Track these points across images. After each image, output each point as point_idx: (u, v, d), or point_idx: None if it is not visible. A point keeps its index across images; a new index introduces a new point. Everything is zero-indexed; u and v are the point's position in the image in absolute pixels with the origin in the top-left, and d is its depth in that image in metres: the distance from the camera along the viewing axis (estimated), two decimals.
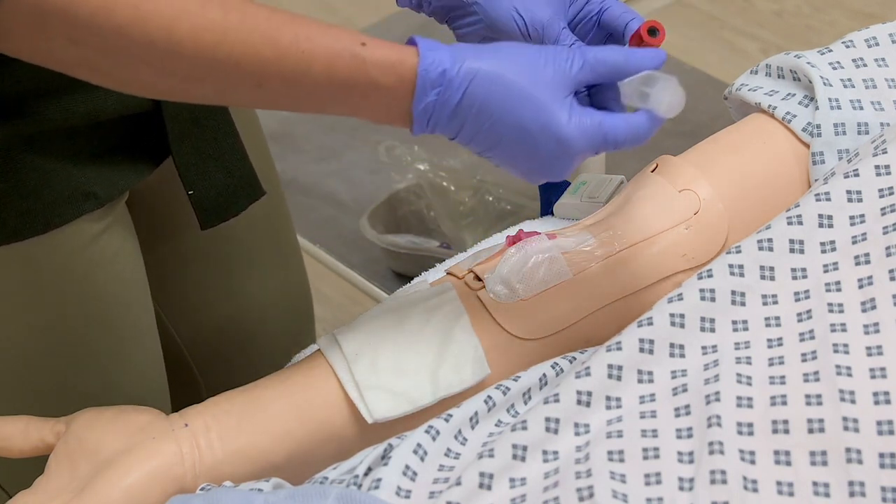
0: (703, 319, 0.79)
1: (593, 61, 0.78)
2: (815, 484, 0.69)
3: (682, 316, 0.79)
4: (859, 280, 0.79)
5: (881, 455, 0.69)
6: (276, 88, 0.75)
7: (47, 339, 0.93)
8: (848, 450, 0.70)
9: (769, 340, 0.78)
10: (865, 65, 0.94)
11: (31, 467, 0.83)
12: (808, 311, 0.78)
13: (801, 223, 0.83)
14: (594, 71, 0.78)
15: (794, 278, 0.81)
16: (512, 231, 0.92)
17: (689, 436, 0.73)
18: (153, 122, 0.91)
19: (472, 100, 0.76)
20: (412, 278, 1.00)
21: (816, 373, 0.74)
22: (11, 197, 0.86)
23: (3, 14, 0.69)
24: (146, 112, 0.90)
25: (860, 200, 0.83)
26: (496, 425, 0.80)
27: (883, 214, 0.82)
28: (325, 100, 0.76)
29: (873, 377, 0.73)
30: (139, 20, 0.70)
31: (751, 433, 0.72)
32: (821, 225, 0.83)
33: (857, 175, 0.84)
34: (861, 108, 0.92)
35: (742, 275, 0.81)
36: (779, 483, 0.70)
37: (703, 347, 0.78)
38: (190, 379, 1.18)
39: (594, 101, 0.82)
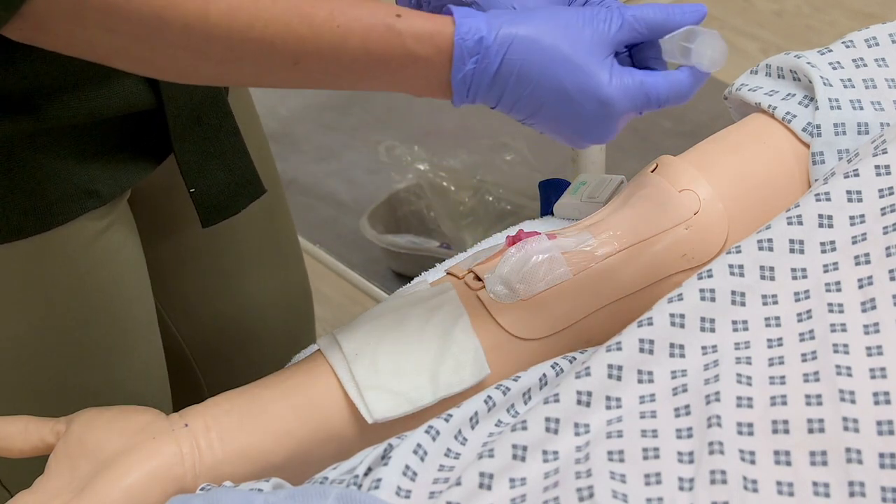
0: (703, 319, 0.79)
1: (632, 20, 0.77)
2: (815, 484, 0.69)
3: (682, 316, 0.79)
4: (859, 280, 0.79)
5: (881, 455, 0.69)
6: (312, 66, 0.74)
7: (49, 336, 0.93)
8: (848, 450, 0.70)
9: (769, 340, 0.78)
10: (865, 65, 0.94)
11: (31, 466, 0.83)
12: (808, 312, 0.78)
13: (801, 223, 0.83)
14: (633, 30, 0.77)
15: (794, 278, 0.81)
16: (512, 231, 0.92)
17: (689, 436, 0.73)
18: (155, 121, 0.91)
19: (510, 66, 0.75)
20: (412, 278, 1.00)
21: (816, 373, 0.74)
22: (14, 195, 0.86)
23: (41, 6, 0.70)
24: (148, 110, 0.90)
25: (860, 200, 0.83)
26: (496, 425, 0.80)
27: (883, 214, 0.82)
28: (363, 74, 0.75)
29: (873, 377, 0.73)
30: (174, 4, 0.70)
31: (751, 433, 0.72)
32: (821, 225, 0.83)
33: (857, 175, 0.84)
34: (861, 108, 0.92)
35: (742, 275, 0.81)
36: (779, 483, 0.70)
37: (703, 347, 0.78)
38: (192, 379, 1.18)
39: (635, 61, 0.81)
